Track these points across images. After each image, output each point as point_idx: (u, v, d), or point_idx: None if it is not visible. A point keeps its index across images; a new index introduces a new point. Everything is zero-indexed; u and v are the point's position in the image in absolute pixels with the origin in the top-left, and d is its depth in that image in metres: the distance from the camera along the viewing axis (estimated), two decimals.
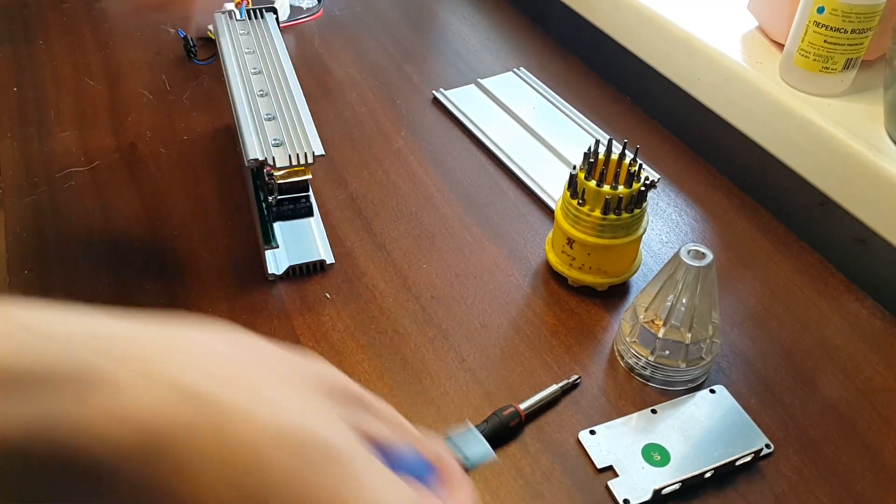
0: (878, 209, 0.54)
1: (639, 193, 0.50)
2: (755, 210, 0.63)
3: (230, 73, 0.56)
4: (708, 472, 0.43)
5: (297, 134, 0.50)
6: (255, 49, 0.59)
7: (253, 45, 0.59)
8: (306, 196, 0.52)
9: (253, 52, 0.58)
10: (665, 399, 0.48)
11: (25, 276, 0.54)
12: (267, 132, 0.50)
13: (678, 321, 0.46)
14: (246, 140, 0.49)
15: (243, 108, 0.52)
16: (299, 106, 0.53)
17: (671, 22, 0.67)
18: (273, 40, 0.60)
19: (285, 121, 0.51)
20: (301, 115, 0.52)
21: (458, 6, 0.89)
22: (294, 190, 0.51)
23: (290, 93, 0.54)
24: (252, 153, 0.48)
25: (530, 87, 0.75)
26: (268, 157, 0.48)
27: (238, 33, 0.61)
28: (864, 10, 0.53)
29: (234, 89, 0.54)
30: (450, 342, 0.51)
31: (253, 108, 0.52)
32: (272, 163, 0.48)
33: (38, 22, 0.82)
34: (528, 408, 0.46)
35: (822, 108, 0.57)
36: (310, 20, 0.86)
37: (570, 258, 0.53)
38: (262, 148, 0.49)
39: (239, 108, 0.52)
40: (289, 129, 0.51)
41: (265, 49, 0.59)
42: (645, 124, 0.72)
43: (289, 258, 0.55)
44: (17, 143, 0.65)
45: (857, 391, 0.49)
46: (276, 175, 0.50)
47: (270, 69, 0.56)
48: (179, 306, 0.52)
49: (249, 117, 0.51)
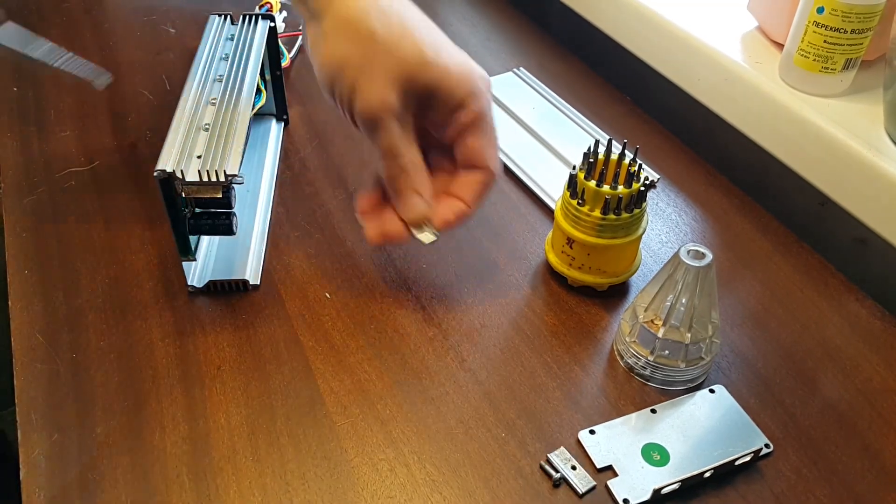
0: (878, 209, 0.54)
1: (638, 193, 0.50)
2: (755, 210, 0.63)
3: (190, 75, 0.55)
4: (707, 471, 0.43)
5: (220, 149, 0.48)
6: (230, 55, 0.57)
7: (231, 51, 0.58)
8: (227, 213, 0.50)
9: (226, 58, 0.57)
10: (665, 399, 0.48)
11: (25, 276, 0.54)
12: (195, 143, 0.48)
13: (678, 321, 0.46)
14: (165, 148, 0.48)
15: (181, 114, 0.51)
16: (239, 121, 0.51)
17: (671, 22, 0.67)
18: (253, 49, 0.58)
19: (218, 134, 0.49)
20: (236, 131, 0.49)
21: (458, 6, 0.90)
22: (214, 205, 0.49)
23: (239, 106, 0.52)
24: (162, 163, 0.46)
25: (530, 88, 0.75)
26: (177, 169, 0.46)
27: (224, 37, 0.59)
28: (863, 10, 0.53)
29: (185, 93, 0.53)
30: (450, 342, 0.51)
31: (192, 116, 0.51)
32: (180, 176, 0.46)
33: (38, 22, 0.82)
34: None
35: (822, 108, 0.57)
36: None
37: (570, 258, 0.53)
38: (178, 159, 0.47)
39: (178, 112, 0.51)
40: (216, 142, 0.48)
41: (241, 57, 0.57)
42: (645, 124, 0.72)
43: (212, 272, 0.54)
44: (17, 143, 0.66)
45: (856, 391, 0.49)
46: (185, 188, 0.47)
47: (234, 78, 0.55)
48: (181, 306, 0.52)
49: (184, 124, 0.50)
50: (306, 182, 0.63)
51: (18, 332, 0.50)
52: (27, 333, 0.50)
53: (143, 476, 0.43)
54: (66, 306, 0.52)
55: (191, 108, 0.51)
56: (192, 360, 0.49)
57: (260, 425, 0.45)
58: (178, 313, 0.52)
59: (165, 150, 0.47)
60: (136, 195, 0.61)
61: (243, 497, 0.42)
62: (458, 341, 0.51)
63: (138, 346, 0.50)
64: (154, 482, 0.42)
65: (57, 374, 0.48)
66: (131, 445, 0.44)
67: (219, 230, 0.51)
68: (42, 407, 0.46)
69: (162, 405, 0.46)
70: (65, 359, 0.49)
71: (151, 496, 0.42)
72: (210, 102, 0.52)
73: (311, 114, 0.71)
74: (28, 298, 0.52)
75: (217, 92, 0.53)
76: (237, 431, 0.45)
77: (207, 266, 0.54)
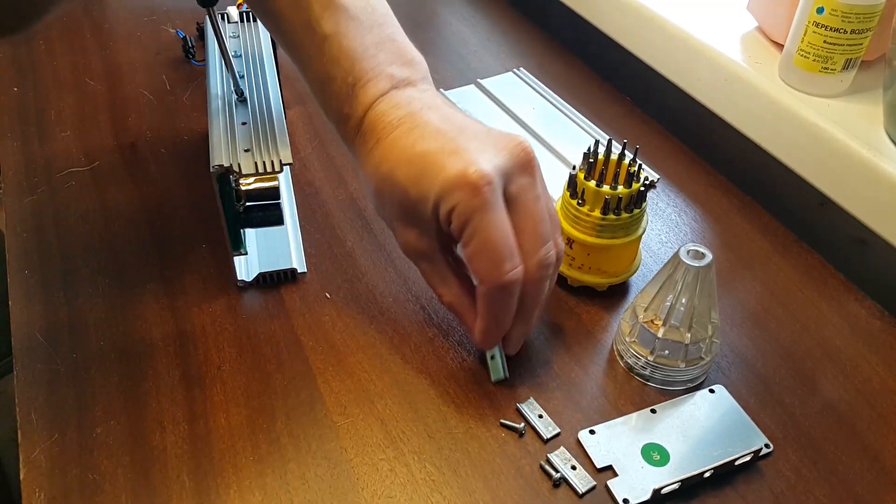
0: (878, 209, 0.54)
1: (638, 193, 0.50)
2: (755, 210, 0.63)
3: (211, 74, 0.55)
4: (707, 471, 0.43)
5: (267, 141, 0.49)
6: (241, 52, 0.58)
7: (240, 48, 0.58)
8: (276, 203, 0.50)
9: (238, 55, 0.57)
10: (664, 399, 0.48)
11: (25, 276, 0.54)
12: (238, 138, 0.49)
13: (677, 321, 0.46)
14: (214, 145, 0.48)
15: (217, 112, 0.51)
16: (275, 113, 0.52)
17: (671, 22, 0.67)
18: (261, 44, 0.59)
19: (258, 127, 0.50)
20: (275, 122, 0.51)
21: (457, 6, 0.90)
22: (263, 197, 0.50)
23: (269, 99, 0.53)
24: (217, 159, 0.47)
25: (530, 88, 0.75)
26: (234, 163, 0.47)
27: (228, 35, 0.60)
28: (863, 11, 0.53)
29: (211, 91, 0.53)
30: (450, 342, 0.51)
31: (227, 113, 0.52)
32: (238, 170, 0.47)
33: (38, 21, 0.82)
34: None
35: (822, 108, 0.57)
36: None
37: (570, 258, 0.53)
38: (230, 154, 0.48)
39: (213, 110, 0.51)
40: (259, 136, 0.50)
41: (252, 53, 0.58)
42: (644, 124, 0.72)
43: (259, 265, 0.54)
44: (17, 143, 0.66)
45: (856, 391, 0.49)
46: (241, 182, 0.49)
47: (252, 74, 0.55)
48: (179, 305, 0.52)
49: (221, 122, 0.51)
50: (306, 182, 0.63)
51: (18, 332, 0.50)
52: (27, 333, 0.50)
53: (143, 476, 0.43)
54: (66, 306, 0.52)
55: (222, 107, 0.52)
56: (192, 360, 0.49)
57: (260, 425, 0.45)
58: (178, 313, 0.52)
59: (213, 147, 0.48)
60: (136, 195, 0.61)
61: (243, 497, 0.42)
62: (458, 341, 0.51)
63: (138, 346, 0.50)
64: (154, 482, 0.42)
65: (57, 374, 0.48)
66: (131, 445, 0.44)
67: (270, 221, 0.51)
68: (42, 407, 0.46)
69: (162, 405, 0.46)
70: (65, 359, 0.49)
71: (151, 496, 0.42)
72: (239, 100, 0.53)
73: (311, 113, 0.71)
74: (28, 298, 0.52)
75: (243, 89, 0.54)
76: (237, 431, 0.45)
77: (251, 259, 0.55)
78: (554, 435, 0.45)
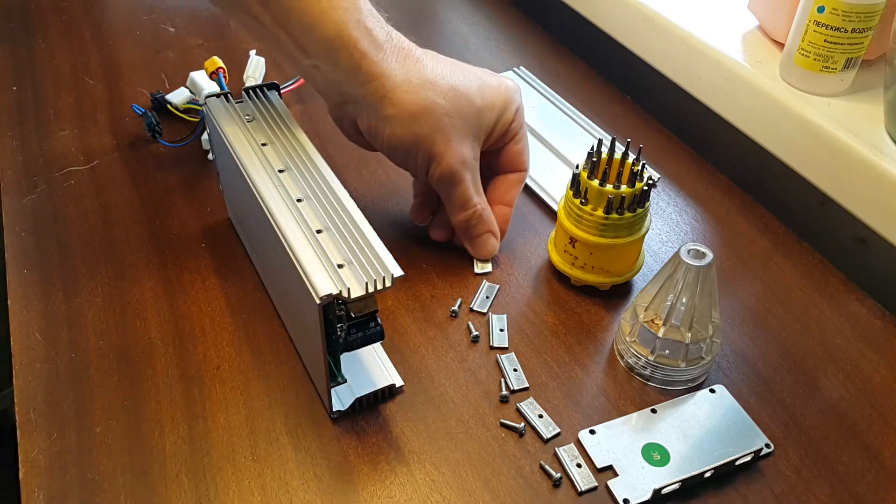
0: (879, 209, 0.54)
1: (641, 193, 0.50)
2: (755, 210, 0.63)
3: (254, 177, 0.45)
4: (708, 471, 0.43)
5: (361, 251, 0.41)
6: (270, 140, 0.48)
7: (267, 134, 0.49)
8: (374, 316, 0.43)
9: (267, 143, 0.48)
10: (665, 399, 0.48)
11: (25, 276, 0.54)
12: (327, 254, 0.41)
13: (678, 321, 0.46)
14: (309, 272, 0.40)
15: (284, 224, 0.42)
16: (350, 209, 0.43)
17: (671, 21, 0.67)
18: (287, 125, 0.49)
19: (342, 234, 0.42)
20: (358, 223, 0.42)
21: (458, 5, 0.89)
22: (363, 314, 0.42)
23: (333, 192, 0.44)
24: (323, 288, 0.38)
25: (531, 87, 0.75)
26: (342, 289, 0.39)
27: (244, 121, 0.50)
28: (864, 10, 0.53)
29: (266, 199, 0.44)
30: (450, 342, 0.51)
31: (299, 223, 0.43)
32: (346, 295, 0.39)
33: (38, 21, 0.82)
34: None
35: (823, 107, 0.57)
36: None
37: (573, 257, 0.53)
38: (331, 277, 0.39)
39: (278, 223, 0.43)
40: (351, 245, 0.41)
41: (282, 138, 0.49)
42: (645, 124, 0.72)
43: (352, 390, 0.46)
44: (16, 142, 0.65)
45: (857, 391, 0.49)
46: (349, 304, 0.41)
47: (300, 164, 0.46)
48: (178, 305, 0.52)
49: (296, 234, 0.42)
50: None
51: (18, 332, 0.50)
52: (27, 333, 0.50)
53: (142, 476, 0.43)
54: (65, 306, 0.52)
55: (286, 213, 0.43)
56: (191, 360, 0.49)
57: (259, 425, 0.45)
58: (176, 313, 0.52)
59: (308, 270, 0.40)
60: (135, 194, 0.61)
61: (243, 497, 0.42)
62: (458, 341, 0.51)
63: (138, 346, 0.49)
64: (153, 482, 0.42)
65: (56, 374, 0.48)
66: (130, 445, 0.44)
67: (371, 339, 0.43)
68: (42, 407, 0.46)
69: (161, 405, 0.46)
70: (64, 359, 0.48)
71: (150, 496, 0.42)
72: (297, 201, 0.44)
73: (311, 112, 0.71)
74: (28, 298, 0.52)
75: (297, 186, 0.45)
76: (237, 431, 0.45)
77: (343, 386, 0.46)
78: (554, 435, 0.45)
